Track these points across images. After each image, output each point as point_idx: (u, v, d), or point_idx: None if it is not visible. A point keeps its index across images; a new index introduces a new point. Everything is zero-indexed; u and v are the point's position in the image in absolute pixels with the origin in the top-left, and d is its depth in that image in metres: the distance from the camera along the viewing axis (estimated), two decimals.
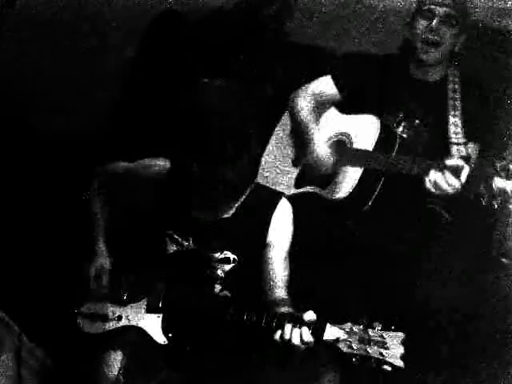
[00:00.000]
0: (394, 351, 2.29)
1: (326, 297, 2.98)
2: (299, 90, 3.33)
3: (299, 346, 2.42)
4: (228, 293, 2.74)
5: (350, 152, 3.16)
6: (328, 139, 3.25)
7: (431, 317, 3.02)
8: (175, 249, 2.75)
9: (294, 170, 3.32)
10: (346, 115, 3.27)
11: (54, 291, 2.89)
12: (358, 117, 3.21)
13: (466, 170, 2.83)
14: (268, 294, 2.70)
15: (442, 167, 2.85)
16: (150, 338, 2.67)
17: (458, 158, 2.92)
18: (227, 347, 2.70)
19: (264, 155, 3.38)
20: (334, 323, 2.39)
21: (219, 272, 2.73)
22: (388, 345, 2.29)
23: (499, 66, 3.34)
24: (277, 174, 3.34)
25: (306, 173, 3.27)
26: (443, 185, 2.85)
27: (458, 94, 3.15)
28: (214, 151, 2.59)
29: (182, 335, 2.69)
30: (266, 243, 2.72)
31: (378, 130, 3.10)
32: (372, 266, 3.11)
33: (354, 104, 3.26)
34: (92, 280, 2.78)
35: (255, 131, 2.70)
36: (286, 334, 2.43)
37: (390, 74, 3.26)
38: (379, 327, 2.33)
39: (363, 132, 3.14)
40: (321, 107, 3.30)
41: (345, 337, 2.34)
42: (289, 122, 3.39)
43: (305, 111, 3.28)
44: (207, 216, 2.73)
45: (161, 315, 2.68)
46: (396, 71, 3.26)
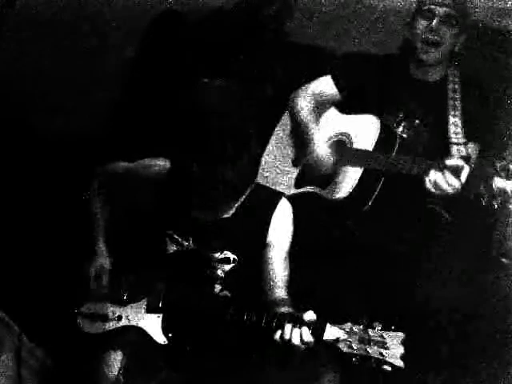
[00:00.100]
0: (394, 351, 2.29)
1: (325, 297, 2.98)
2: (299, 89, 3.33)
3: (299, 346, 2.42)
4: (228, 293, 2.74)
5: (349, 152, 3.16)
6: (328, 139, 3.25)
7: (431, 317, 3.02)
8: (175, 249, 2.75)
9: (294, 169, 3.32)
10: (345, 115, 3.27)
11: (54, 291, 2.88)
12: (358, 117, 3.20)
13: (466, 169, 2.83)
14: (268, 294, 2.70)
15: (442, 167, 2.85)
16: (150, 337, 2.67)
17: (458, 158, 2.92)
18: (227, 347, 2.70)
19: (264, 155, 3.38)
20: (333, 323, 2.39)
21: (219, 272, 2.73)
22: (388, 345, 2.29)
23: (499, 66, 3.34)
24: (277, 174, 3.34)
25: (306, 173, 3.27)
26: (443, 185, 2.85)
27: (458, 94, 3.15)
28: (214, 151, 2.59)
29: (182, 335, 2.69)
30: (266, 243, 2.72)
31: (378, 130, 3.10)
32: (372, 266, 3.11)
33: (354, 104, 3.26)
34: (92, 280, 2.78)
35: (255, 131, 2.70)
36: (286, 333, 2.43)
37: (390, 74, 3.26)
38: (379, 327, 2.33)
39: (363, 132, 3.14)
40: (321, 107, 3.30)
41: (345, 337, 2.34)
42: (289, 122, 3.38)
43: (305, 111, 3.28)
44: (207, 216, 2.73)
45: (161, 315, 2.68)
46: (396, 71, 3.26)
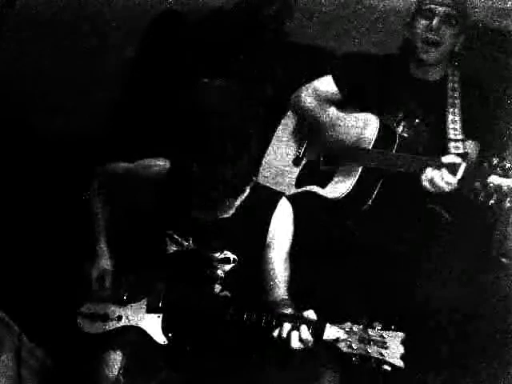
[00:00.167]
0: (394, 351, 2.29)
1: (325, 297, 2.98)
2: (302, 87, 3.34)
3: (298, 346, 2.42)
4: (228, 293, 2.73)
5: (349, 151, 3.16)
6: (329, 137, 3.25)
7: (431, 317, 3.01)
8: (175, 249, 2.74)
9: (295, 169, 3.32)
10: (346, 114, 3.27)
11: (54, 291, 2.88)
12: (358, 116, 3.21)
13: (463, 167, 2.82)
14: (268, 294, 2.70)
15: (439, 164, 2.85)
16: (150, 338, 2.67)
17: (455, 155, 2.91)
18: (227, 347, 2.70)
19: (265, 155, 3.38)
20: (333, 323, 2.39)
21: (219, 272, 2.73)
22: (388, 345, 2.29)
23: (499, 66, 3.34)
24: (277, 174, 3.33)
25: (310, 169, 3.26)
26: (439, 182, 2.84)
27: (457, 94, 3.15)
28: (214, 151, 2.58)
29: (182, 335, 2.69)
30: (266, 243, 2.71)
31: (378, 130, 3.11)
32: (372, 266, 3.11)
33: (354, 103, 3.26)
34: (94, 281, 2.78)
35: (255, 131, 2.69)
36: (284, 332, 2.43)
37: (390, 74, 3.26)
38: (379, 327, 2.33)
39: (363, 131, 3.14)
40: (322, 105, 3.30)
41: (345, 336, 2.34)
42: (290, 121, 3.39)
43: (307, 109, 3.29)
44: (207, 216, 2.73)
45: (161, 315, 2.68)
46: (396, 71, 3.26)
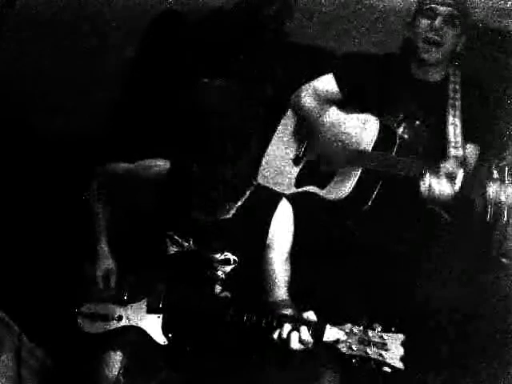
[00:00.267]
0: (394, 353, 2.29)
1: (325, 297, 2.98)
2: (302, 87, 3.34)
3: (298, 347, 2.42)
4: (228, 294, 2.74)
5: (349, 152, 3.16)
6: (330, 137, 3.25)
7: (431, 317, 3.02)
8: (175, 250, 2.74)
9: (295, 169, 3.32)
10: (346, 114, 3.27)
11: (54, 291, 2.88)
12: (359, 116, 3.20)
13: (461, 175, 2.83)
14: (268, 294, 2.70)
15: (438, 172, 2.85)
16: (150, 338, 2.67)
17: (454, 163, 2.92)
18: (227, 348, 2.70)
19: (265, 155, 3.38)
20: (333, 324, 2.39)
21: (219, 273, 2.73)
22: (388, 346, 2.29)
23: (499, 66, 3.34)
24: (277, 174, 3.33)
25: (309, 169, 3.26)
26: (437, 190, 2.85)
27: (458, 95, 3.14)
28: (214, 151, 2.58)
29: (182, 336, 2.69)
30: (267, 244, 2.71)
31: (378, 130, 3.11)
32: (372, 266, 3.11)
33: (355, 104, 3.26)
34: (100, 281, 2.78)
35: (255, 131, 2.69)
36: (284, 333, 2.42)
37: (391, 74, 3.25)
38: (379, 328, 2.33)
39: (363, 132, 3.14)
40: (322, 105, 3.30)
41: (345, 338, 2.34)
42: (291, 121, 3.39)
43: (307, 110, 3.29)
44: (207, 217, 2.72)
45: (161, 315, 2.68)
46: (397, 71, 3.25)
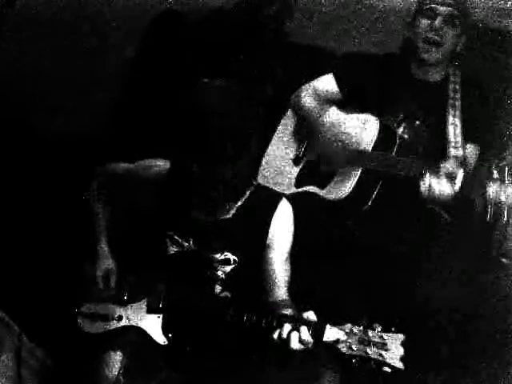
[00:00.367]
0: (394, 353, 2.29)
1: (326, 297, 2.98)
2: (302, 87, 3.33)
3: (298, 347, 2.42)
4: (228, 294, 2.74)
5: (349, 152, 3.16)
6: (330, 137, 3.25)
7: (431, 317, 3.02)
8: (176, 250, 2.74)
9: (295, 169, 3.32)
10: (346, 114, 3.27)
11: (54, 291, 2.88)
12: (359, 116, 3.20)
13: (461, 175, 2.83)
14: (268, 294, 2.70)
15: (438, 172, 2.85)
16: (150, 338, 2.67)
17: (454, 163, 2.92)
18: (227, 348, 2.70)
19: (265, 155, 3.37)
20: (333, 324, 2.39)
21: (219, 273, 2.73)
22: (388, 346, 2.29)
23: (499, 66, 3.34)
24: (277, 174, 3.33)
25: (309, 169, 3.26)
26: (437, 190, 2.85)
27: (458, 95, 3.14)
28: (214, 151, 2.58)
29: (182, 336, 2.69)
30: (267, 244, 2.71)
31: (378, 131, 3.11)
32: (372, 266, 3.11)
33: (355, 104, 3.26)
34: (100, 281, 2.78)
35: (255, 131, 2.69)
36: (284, 333, 2.42)
37: (391, 74, 3.25)
38: (379, 328, 2.33)
39: (363, 132, 3.14)
40: (322, 105, 3.30)
41: (345, 338, 2.34)
42: (291, 121, 3.39)
43: (307, 110, 3.28)
44: (207, 217, 2.72)
45: (161, 315, 2.68)
46: (397, 71, 3.25)
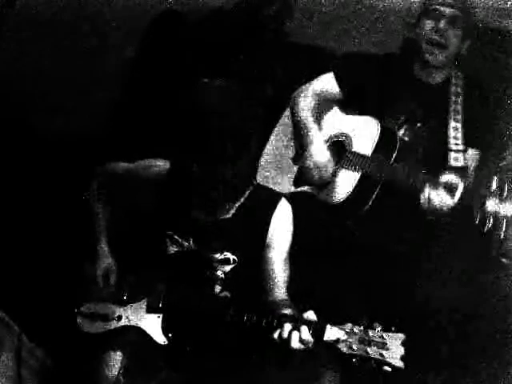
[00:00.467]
0: (395, 352, 2.29)
1: (326, 297, 2.98)
2: (301, 88, 3.32)
3: (298, 346, 2.42)
4: (228, 293, 2.73)
5: (348, 156, 3.15)
6: (328, 139, 3.25)
7: (431, 317, 3.02)
8: (175, 250, 2.74)
9: (294, 168, 3.32)
10: (347, 116, 3.26)
11: (54, 291, 2.88)
12: (359, 118, 3.20)
13: (460, 188, 2.83)
14: (268, 294, 2.70)
15: (437, 183, 2.86)
16: (150, 338, 2.67)
17: (454, 174, 2.91)
18: (227, 348, 2.70)
19: (264, 155, 3.37)
20: (334, 324, 2.39)
21: (219, 273, 2.73)
22: (388, 346, 2.29)
23: (499, 66, 3.33)
24: (276, 174, 3.33)
25: (303, 174, 3.26)
26: (436, 202, 2.85)
27: (460, 98, 3.12)
28: (214, 151, 2.58)
29: (182, 335, 2.69)
30: (266, 244, 2.71)
31: (379, 133, 3.10)
32: (372, 266, 3.11)
33: (355, 105, 3.25)
34: (100, 279, 2.78)
35: (255, 131, 2.69)
36: (285, 333, 2.42)
37: (391, 74, 3.23)
38: (379, 328, 2.33)
39: (363, 134, 3.13)
40: (322, 106, 3.29)
41: (345, 337, 2.34)
42: (289, 121, 3.38)
43: (306, 111, 3.26)
44: (207, 216, 2.72)
45: (161, 315, 2.68)
46: (397, 71, 3.23)
